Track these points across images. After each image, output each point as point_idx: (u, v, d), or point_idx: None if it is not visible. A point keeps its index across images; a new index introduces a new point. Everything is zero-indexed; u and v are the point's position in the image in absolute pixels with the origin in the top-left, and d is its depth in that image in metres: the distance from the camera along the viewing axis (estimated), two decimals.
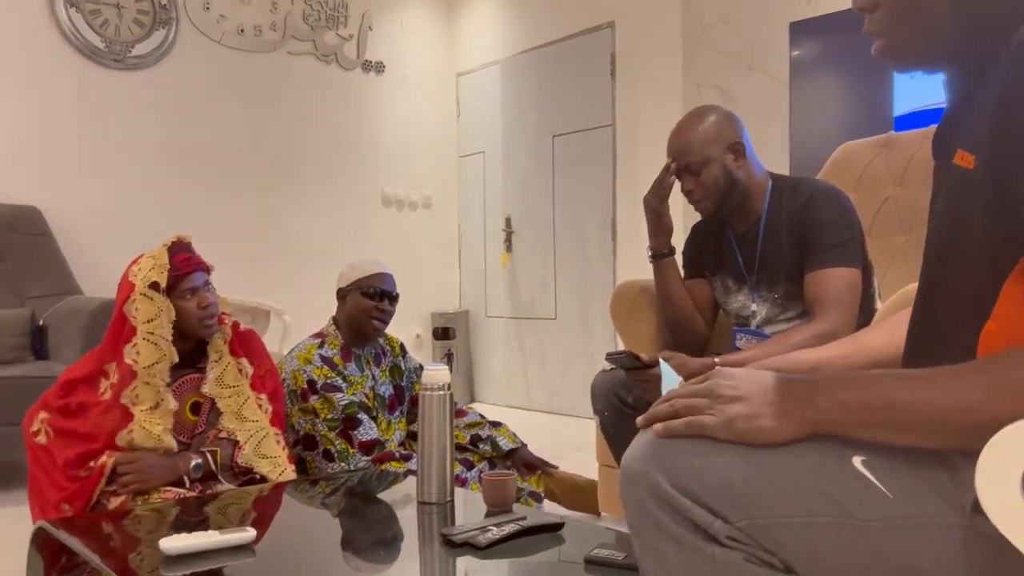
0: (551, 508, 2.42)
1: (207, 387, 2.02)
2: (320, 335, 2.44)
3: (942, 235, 0.86)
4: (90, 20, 4.03)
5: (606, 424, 2.02)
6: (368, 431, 2.27)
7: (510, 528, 1.37)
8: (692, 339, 2.08)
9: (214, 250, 2.49)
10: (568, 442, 3.69)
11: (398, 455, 2.27)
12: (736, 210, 1.95)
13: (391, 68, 5.16)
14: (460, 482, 2.27)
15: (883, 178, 2.29)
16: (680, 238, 2.15)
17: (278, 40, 4.69)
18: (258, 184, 4.63)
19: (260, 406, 2.05)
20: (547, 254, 4.92)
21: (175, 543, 1.31)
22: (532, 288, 5.03)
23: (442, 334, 5.24)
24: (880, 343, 1.06)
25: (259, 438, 1.99)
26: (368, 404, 2.36)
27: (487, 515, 1.53)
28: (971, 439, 0.70)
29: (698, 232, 2.13)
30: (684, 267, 2.15)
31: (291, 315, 3.95)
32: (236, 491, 1.85)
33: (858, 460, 0.77)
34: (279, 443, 2.01)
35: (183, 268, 1.97)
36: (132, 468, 1.83)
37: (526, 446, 2.48)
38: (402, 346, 2.59)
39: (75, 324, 3.16)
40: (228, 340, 2.11)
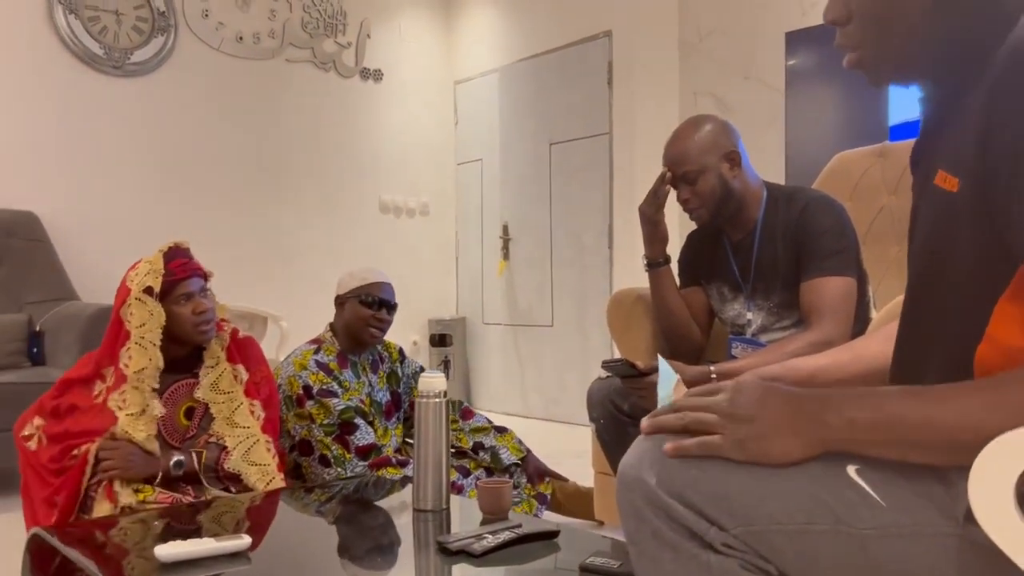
0: (548, 516, 2.42)
1: (200, 392, 2.03)
2: (317, 341, 2.44)
3: (926, 255, 0.86)
4: (89, 27, 4.04)
5: (602, 432, 2.02)
6: (365, 436, 2.27)
7: (505, 536, 1.37)
8: (688, 347, 2.08)
9: (212, 256, 2.49)
10: (565, 449, 3.69)
11: (395, 460, 2.27)
12: (732, 219, 1.95)
13: (389, 76, 5.17)
14: (456, 489, 2.27)
15: (878, 187, 2.30)
16: (676, 247, 2.15)
17: (276, 47, 4.70)
18: (256, 191, 4.63)
19: (252, 412, 2.05)
20: (544, 261, 4.92)
21: (170, 550, 1.31)
22: (529, 295, 5.04)
23: (439, 341, 5.24)
24: (876, 351, 1.07)
25: (248, 444, 1.98)
26: (364, 409, 2.36)
27: (483, 523, 1.53)
28: None
29: (693, 241, 2.14)
30: (680, 275, 2.15)
31: (288, 321, 3.94)
32: (230, 498, 1.85)
33: (852, 469, 0.78)
34: (269, 451, 2.00)
35: (178, 273, 1.97)
36: (113, 454, 1.84)
37: (531, 452, 2.49)
38: (401, 352, 2.59)
39: (72, 330, 3.16)
40: (226, 346, 2.11)
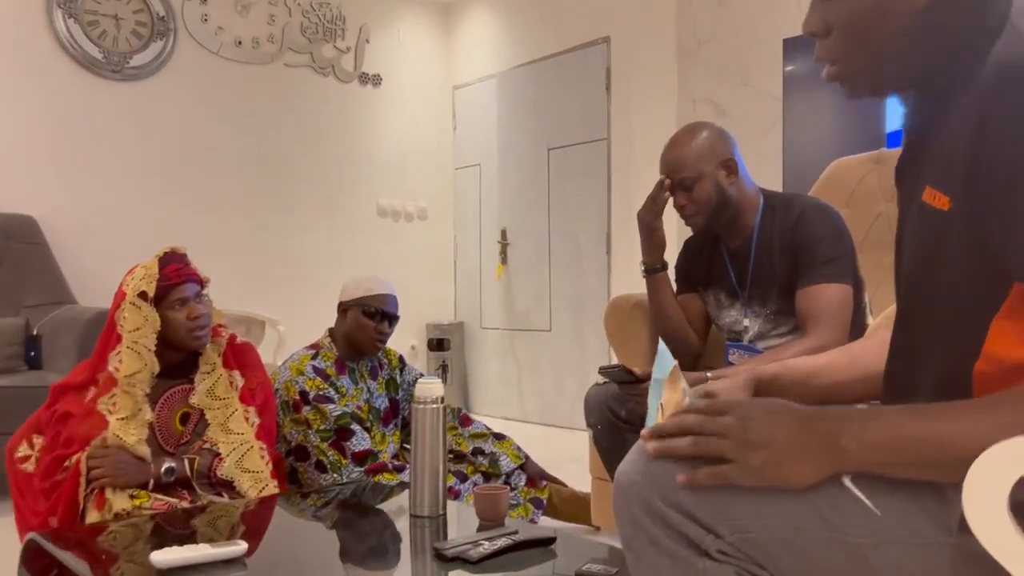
0: (544, 523, 2.42)
1: (196, 398, 2.03)
2: (315, 346, 2.44)
3: (917, 272, 0.85)
4: (88, 31, 4.05)
5: (599, 437, 2.03)
6: (361, 441, 2.27)
7: (502, 542, 1.37)
8: (685, 354, 2.08)
9: (210, 260, 2.50)
10: (562, 454, 3.69)
11: (391, 466, 2.27)
12: (728, 226, 1.96)
13: (388, 80, 5.18)
14: (454, 494, 2.27)
15: (875, 194, 2.30)
16: (673, 253, 2.16)
17: (276, 52, 4.71)
18: (254, 195, 4.64)
19: (247, 419, 2.05)
20: (542, 266, 4.93)
21: (166, 556, 1.31)
22: (527, 300, 5.04)
23: (437, 345, 5.24)
24: (873, 355, 1.06)
25: (242, 451, 1.98)
26: (361, 415, 2.36)
27: (479, 529, 1.53)
28: None
29: (690, 247, 2.14)
30: (677, 282, 2.16)
31: (286, 326, 3.95)
32: (226, 504, 1.85)
33: (847, 478, 0.78)
34: (263, 458, 2.00)
35: (173, 279, 1.98)
36: (103, 462, 1.83)
37: (529, 459, 2.49)
38: (401, 359, 2.59)
39: (69, 334, 3.16)
40: (222, 352, 2.11)
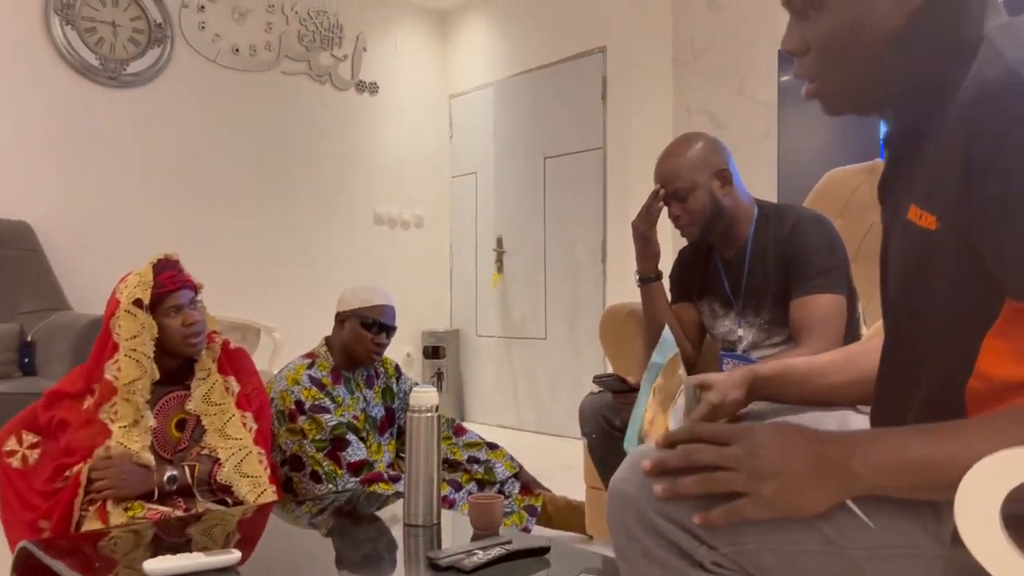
0: (539, 531, 2.42)
1: (192, 404, 2.03)
2: (311, 356, 2.44)
3: (905, 292, 0.85)
4: (85, 37, 4.05)
5: (594, 446, 2.03)
6: (356, 452, 2.27)
7: (496, 552, 1.37)
8: None
9: (205, 267, 2.50)
10: (557, 462, 3.69)
11: (386, 476, 2.27)
12: (723, 236, 1.97)
13: (385, 89, 5.20)
14: (448, 503, 2.27)
15: (869, 205, 2.31)
16: (668, 262, 2.17)
17: (273, 60, 4.72)
18: (250, 202, 4.64)
19: (244, 424, 2.05)
20: (538, 274, 4.94)
21: (159, 565, 1.30)
22: (523, 308, 5.05)
23: (432, 353, 5.24)
24: (871, 359, 1.06)
25: (241, 456, 1.98)
26: (357, 425, 2.36)
27: (473, 538, 1.53)
28: None
29: (685, 257, 2.15)
30: (671, 291, 2.16)
31: (281, 333, 3.95)
32: (220, 512, 1.85)
33: None
34: (261, 463, 2.00)
35: (168, 285, 1.98)
36: (106, 474, 1.83)
37: (523, 468, 2.49)
38: (397, 368, 2.59)
39: (64, 340, 3.15)
40: (217, 358, 2.11)
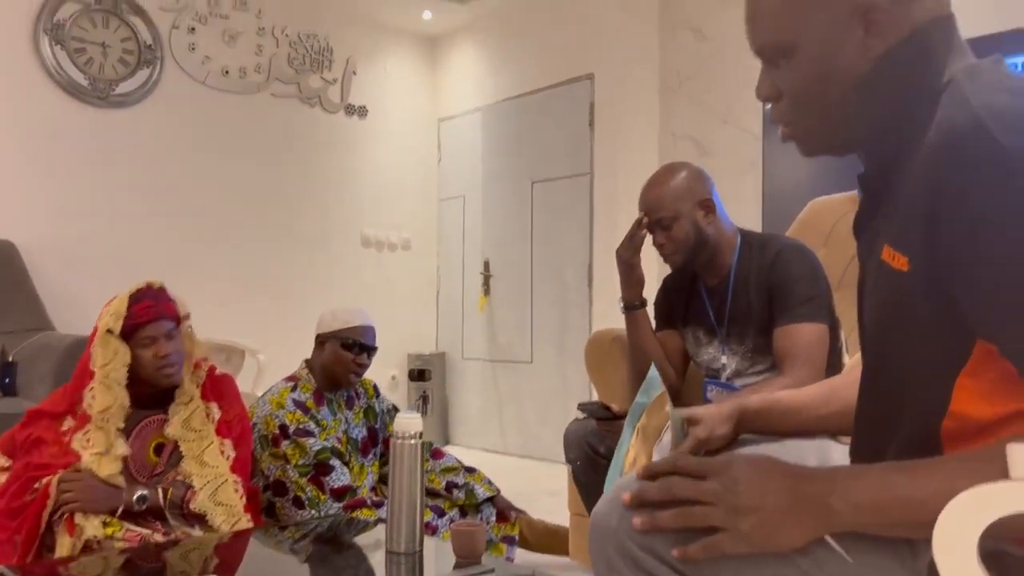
0: (521, 556, 2.41)
1: (171, 430, 2.02)
2: (293, 378, 2.43)
3: (880, 331, 0.86)
4: (74, 58, 4.06)
5: (578, 473, 2.03)
6: (340, 477, 2.25)
7: None
8: None
9: (191, 288, 2.48)
10: (542, 487, 3.68)
11: (369, 501, 2.25)
12: (706, 264, 1.98)
13: (374, 112, 5.22)
14: (431, 530, 2.26)
15: (852, 234, 2.34)
16: (652, 289, 2.18)
17: (262, 82, 4.73)
18: (237, 223, 4.63)
19: (223, 452, 2.04)
20: (524, 298, 4.94)
21: None
22: (509, 331, 5.05)
23: (418, 375, 5.23)
24: (853, 392, 1.07)
25: (216, 484, 1.97)
26: (340, 449, 2.34)
27: (456, 566, 1.52)
28: None
29: (669, 284, 2.16)
30: (655, 318, 2.17)
31: (266, 355, 3.93)
32: (200, 537, 1.83)
33: None
34: (237, 491, 1.98)
35: (141, 316, 1.97)
36: (74, 486, 1.82)
37: (499, 493, 2.48)
38: (375, 388, 2.59)
39: (46, 361, 3.12)
40: (201, 384, 2.10)
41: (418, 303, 5.49)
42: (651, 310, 2.17)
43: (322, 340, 2.43)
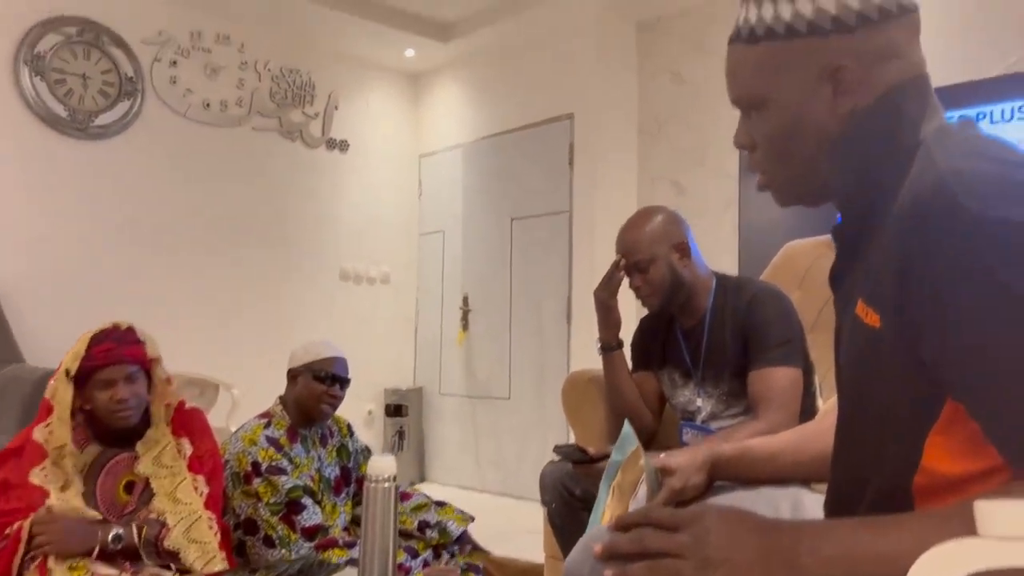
0: None
1: (141, 467, 1.99)
2: (266, 415, 2.41)
3: (853, 385, 0.88)
4: (54, 89, 4.04)
5: (554, 516, 2.02)
6: (312, 516, 2.22)
7: None
8: (639, 432, 2.09)
9: (167, 321, 2.47)
10: (519, 525, 3.65)
11: (341, 542, 2.22)
12: (682, 306, 2.00)
13: (355, 147, 5.24)
14: (404, 571, 2.22)
15: (826, 278, 2.37)
16: (630, 331, 2.19)
17: (243, 115, 4.74)
18: (215, 256, 4.61)
19: (196, 488, 2.01)
20: (503, 334, 4.94)
21: None
22: (487, 367, 5.03)
23: (394, 411, 5.19)
24: (827, 438, 1.08)
25: (190, 521, 1.93)
26: (313, 488, 2.32)
27: None
28: None
29: (646, 326, 2.17)
30: (632, 359, 2.18)
31: (241, 389, 3.88)
32: None
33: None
34: (211, 528, 1.95)
35: (99, 360, 1.93)
36: (47, 529, 1.77)
37: (473, 519, 2.45)
38: (349, 427, 2.57)
39: (15, 393, 3.07)
40: (170, 420, 2.08)
41: (396, 337, 5.46)
42: (628, 351, 2.18)
43: (294, 374, 2.42)
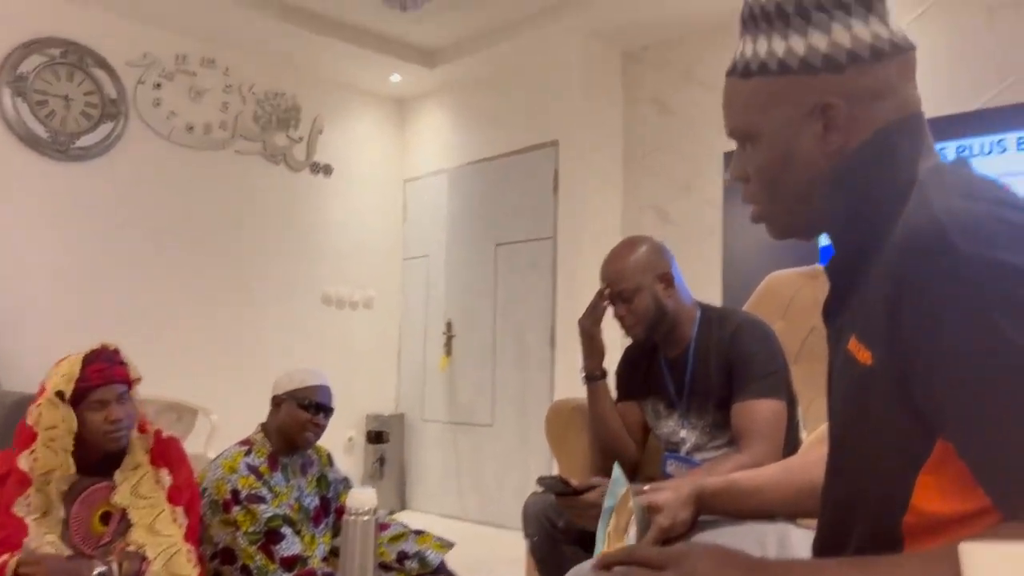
0: None
1: (118, 497, 1.95)
2: (247, 442, 2.38)
3: (844, 422, 0.88)
4: (36, 110, 4.02)
5: (536, 548, 1.99)
6: (290, 546, 2.18)
7: None
8: (622, 462, 2.07)
9: (146, 345, 2.44)
10: (500, 555, 3.61)
11: (320, 573, 2.18)
12: (666, 336, 2.00)
13: (339, 171, 5.23)
14: None
15: (810, 308, 2.38)
16: (614, 360, 2.18)
17: (227, 138, 4.73)
18: (196, 280, 4.56)
19: (175, 520, 1.97)
20: (486, 360, 4.92)
21: None
22: (470, 393, 5.00)
23: (376, 438, 5.14)
24: (813, 473, 1.07)
25: (170, 554, 1.89)
26: (292, 517, 2.28)
27: None
28: None
29: (630, 356, 2.17)
30: (616, 389, 2.17)
31: (220, 414, 3.83)
32: None
33: None
34: (190, 561, 1.92)
35: (94, 380, 1.91)
36: (35, 570, 1.73)
37: (453, 545, 2.42)
38: (329, 456, 2.54)
39: None
40: (149, 449, 2.04)
41: (378, 363, 5.42)
42: (612, 380, 2.17)
43: (278, 401, 2.39)
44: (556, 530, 1.90)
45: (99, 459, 1.96)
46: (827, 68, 0.85)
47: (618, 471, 1.11)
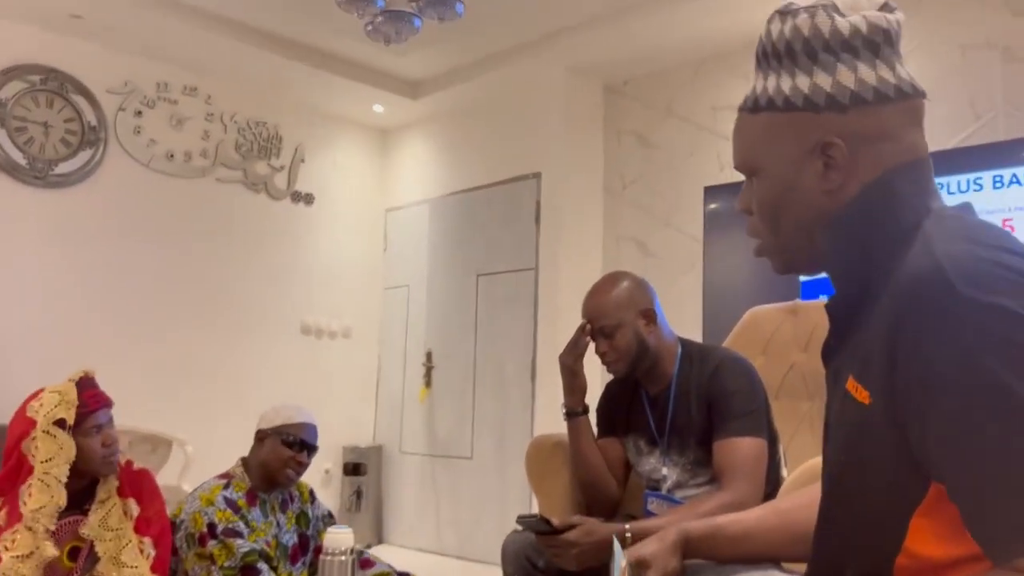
0: None
1: (86, 529, 1.92)
2: (226, 476, 2.34)
3: (840, 462, 0.87)
4: (14, 136, 3.98)
5: None
6: None
7: None
8: (604, 500, 2.06)
9: (121, 375, 2.40)
10: None
11: None
12: (648, 373, 1.99)
13: (321, 200, 5.21)
14: None
15: (790, 344, 2.39)
16: (596, 394, 2.17)
17: (208, 167, 4.70)
18: (173, 308, 4.51)
19: (142, 551, 1.94)
20: (466, 391, 4.89)
21: None
22: (449, 425, 4.96)
23: (353, 470, 5.07)
24: (803, 516, 1.07)
25: None
26: (269, 553, 2.24)
27: None
28: None
29: (612, 391, 2.16)
30: (597, 425, 2.16)
31: (195, 446, 3.77)
32: None
33: None
34: None
35: (91, 405, 1.92)
36: None
37: None
38: (311, 492, 2.50)
39: None
40: (118, 479, 2.02)
41: (356, 393, 5.37)
42: (594, 416, 2.15)
43: (262, 436, 2.36)
44: (536, 570, 1.87)
45: (76, 491, 1.93)
46: (830, 107, 0.86)
47: (616, 545, 1.11)
